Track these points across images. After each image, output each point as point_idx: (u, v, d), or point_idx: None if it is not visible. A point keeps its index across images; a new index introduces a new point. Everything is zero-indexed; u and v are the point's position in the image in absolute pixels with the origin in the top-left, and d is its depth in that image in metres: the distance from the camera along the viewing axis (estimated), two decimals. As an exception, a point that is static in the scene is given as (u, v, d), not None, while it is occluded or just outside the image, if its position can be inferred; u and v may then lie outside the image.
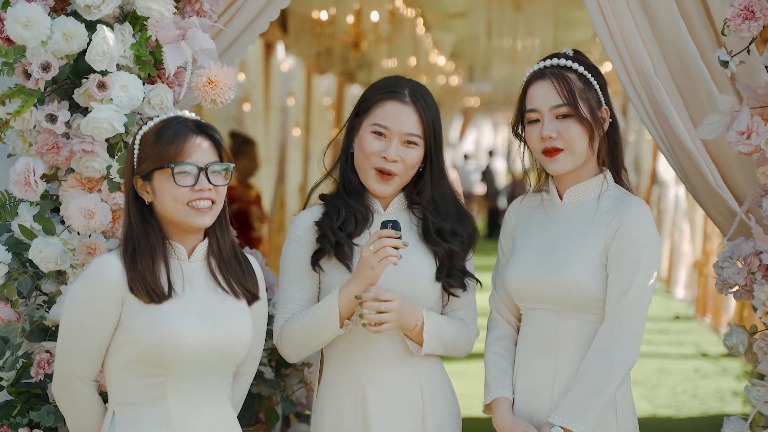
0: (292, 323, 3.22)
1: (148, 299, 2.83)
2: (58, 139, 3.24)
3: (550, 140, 3.20)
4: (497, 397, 3.27)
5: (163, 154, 2.85)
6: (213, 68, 3.28)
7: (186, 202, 2.86)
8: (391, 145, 3.20)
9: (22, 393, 3.26)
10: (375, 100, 3.25)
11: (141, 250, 2.86)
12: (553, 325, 3.21)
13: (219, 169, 2.89)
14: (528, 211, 3.36)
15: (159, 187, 2.87)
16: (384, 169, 3.21)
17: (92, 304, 2.83)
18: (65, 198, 3.27)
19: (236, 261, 3.00)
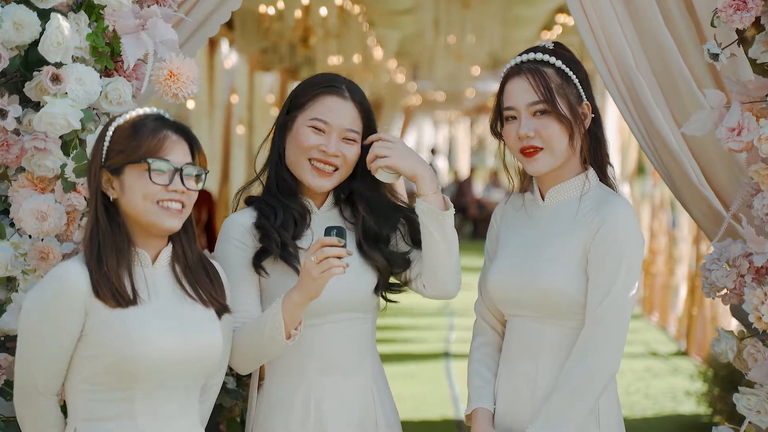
0: (240, 334, 3.02)
1: (114, 303, 2.66)
2: (7, 136, 3.03)
3: (528, 139, 3.07)
4: (476, 408, 3.15)
5: (139, 147, 2.70)
6: (175, 61, 3.09)
7: (156, 200, 2.70)
8: (331, 139, 3.11)
9: (-32, 408, 3.04)
10: (312, 94, 3.15)
11: (106, 250, 2.69)
12: (534, 331, 3.09)
13: (193, 173, 2.75)
14: (511, 212, 3.24)
15: (129, 183, 2.71)
16: (325, 161, 3.11)
17: (52, 315, 2.65)
18: (15, 199, 3.06)
19: (203, 269, 2.85)
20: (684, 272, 10.84)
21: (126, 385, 2.67)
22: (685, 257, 10.86)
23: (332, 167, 3.13)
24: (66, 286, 2.65)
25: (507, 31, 13.26)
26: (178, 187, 2.72)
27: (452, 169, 31.37)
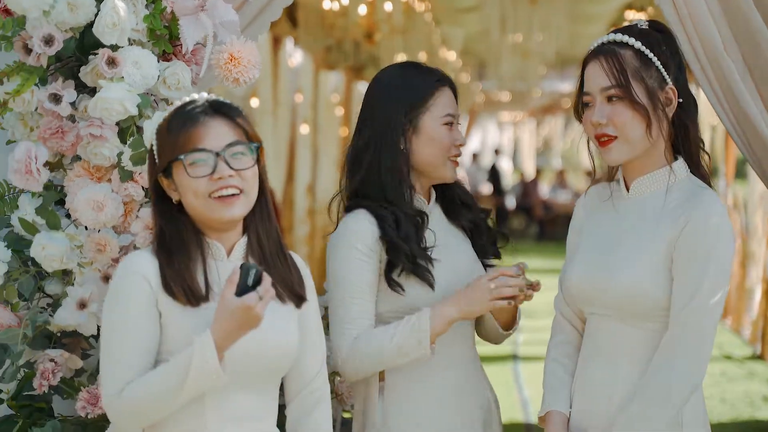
0: (369, 340, 2.96)
1: (185, 300, 2.51)
2: (62, 123, 2.90)
3: (601, 127, 2.88)
4: (550, 411, 2.98)
5: (175, 144, 2.53)
6: (235, 43, 2.94)
7: (207, 194, 2.52)
8: (458, 130, 3.13)
9: (23, 407, 2.92)
10: (431, 91, 3.09)
11: (176, 248, 2.55)
12: (612, 332, 2.89)
13: (242, 151, 2.55)
14: (596, 203, 3.04)
15: (179, 183, 2.55)
16: (460, 154, 3.14)
17: (134, 300, 2.51)
18: (71, 189, 2.92)
19: (281, 259, 2.66)
20: (759, 274, 10.54)
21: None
22: (759, 259, 10.56)
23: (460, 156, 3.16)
24: (138, 272, 2.52)
25: (574, 29, 13.03)
26: (223, 172, 2.52)
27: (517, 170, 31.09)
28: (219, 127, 2.54)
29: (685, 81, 2.90)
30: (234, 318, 2.41)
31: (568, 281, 2.98)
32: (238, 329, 2.43)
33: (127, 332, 2.50)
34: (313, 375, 2.73)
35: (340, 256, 3.03)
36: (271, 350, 2.58)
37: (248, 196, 2.57)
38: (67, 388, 2.94)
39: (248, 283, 2.41)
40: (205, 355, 2.41)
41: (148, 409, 2.47)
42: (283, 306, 2.64)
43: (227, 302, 2.41)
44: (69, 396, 2.96)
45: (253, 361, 2.55)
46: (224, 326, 2.42)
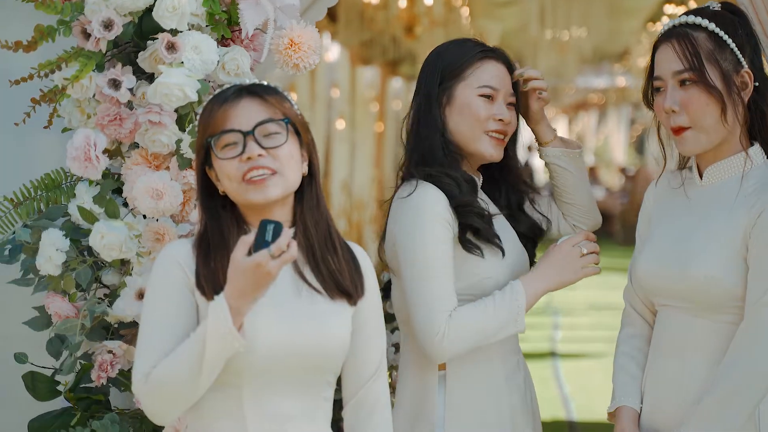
0: (465, 317, 2.83)
1: (212, 294, 2.36)
2: (120, 110, 2.83)
3: (674, 115, 2.78)
4: (621, 406, 2.89)
5: (206, 128, 2.42)
6: (296, 28, 2.87)
7: (240, 178, 2.40)
8: (502, 106, 2.96)
9: (81, 399, 2.86)
10: (470, 62, 2.97)
11: (215, 246, 2.43)
12: (684, 325, 2.79)
13: (275, 130, 2.41)
14: (667, 191, 2.94)
15: (217, 170, 2.43)
16: (500, 130, 2.96)
17: (170, 287, 2.40)
18: (128, 177, 2.86)
19: (331, 251, 2.49)
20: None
21: (233, 382, 2.39)
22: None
23: (504, 135, 2.98)
24: (176, 259, 2.42)
25: (612, 23, 12.91)
26: (252, 153, 2.38)
27: (549, 167, 30.85)
28: (249, 106, 2.41)
29: (761, 64, 2.81)
30: (245, 277, 2.24)
31: (639, 272, 2.89)
32: (252, 290, 2.26)
33: (160, 317, 2.39)
34: (370, 375, 2.56)
35: (416, 235, 2.87)
36: (312, 348, 2.43)
37: (284, 176, 2.41)
38: (125, 380, 2.88)
39: (267, 239, 2.23)
40: (219, 318, 2.25)
41: (173, 390, 2.33)
42: (332, 302, 2.48)
43: (236, 262, 2.25)
44: (126, 388, 2.90)
45: (291, 359, 2.41)
46: (236, 287, 2.26)
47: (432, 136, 2.98)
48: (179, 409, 2.38)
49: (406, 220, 2.90)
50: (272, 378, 2.40)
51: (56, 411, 2.89)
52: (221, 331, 2.26)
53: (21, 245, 2.85)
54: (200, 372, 2.30)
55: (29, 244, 2.84)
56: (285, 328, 2.40)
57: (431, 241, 2.86)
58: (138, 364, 2.38)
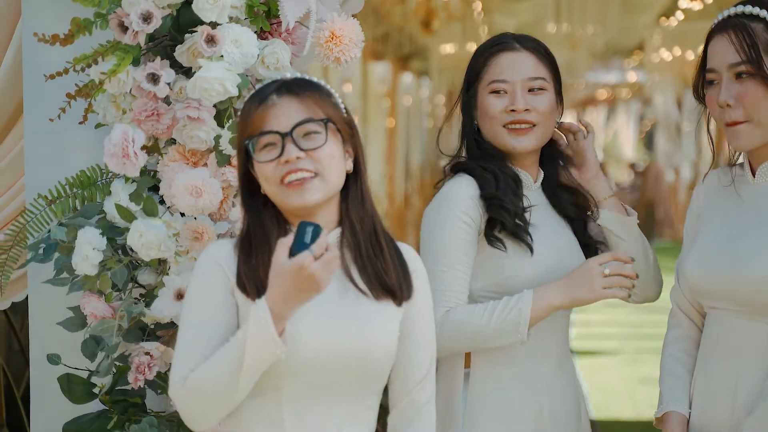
0: (463, 315, 2.79)
1: (257, 297, 2.27)
2: (158, 105, 2.76)
3: (729, 110, 2.69)
4: (669, 411, 2.80)
5: (244, 130, 2.35)
6: (337, 21, 2.80)
7: (278, 181, 2.32)
8: (516, 96, 2.88)
9: (117, 402, 2.79)
10: (482, 61, 2.95)
11: (257, 244, 2.35)
12: (738, 328, 2.70)
13: (314, 129, 2.33)
14: (717, 188, 2.85)
15: (257, 171, 2.36)
16: (517, 120, 2.89)
17: (210, 289, 2.33)
18: (165, 173, 2.78)
19: (376, 251, 2.40)
20: None
21: (272, 386, 2.31)
22: None
23: (527, 124, 2.89)
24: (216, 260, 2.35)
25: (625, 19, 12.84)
26: (290, 156, 2.30)
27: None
28: (288, 105, 2.33)
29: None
30: (287, 281, 2.16)
31: (688, 273, 2.80)
32: (295, 294, 2.18)
33: (200, 320, 2.32)
34: (418, 380, 2.46)
35: (436, 223, 2.86)
36: (356, 352, 2.34)
37: (325, 179, 2.33)
38: (162, 382, 2.81)
39: (305, 241, 2.16)
40: (261, 323, 2.17)
41: (210, 396, 2.25)
42: (378, 304, 2.38)
43: (278, 265, 2.17)
44: (163, 391, 2.83)
45: (334, 363, 2.32)
46: (278, 291, 2.18)
47: (470, 142, 2.98)
48: (217, 416, 2.30)
49: (430, 210, 2.90)
50: (314, 383, 2.32)
51: (92, 414, 2.82)
52: (262, 337, 2.19)
53: (56, 244, 2.78)
54: (238, 378, 2.22)
55: (64, 243, 2.77)
56: (329, 331, 2.32)
57: (448, 233, 2.83)
58: (176, 368, 2.30)
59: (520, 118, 2.88)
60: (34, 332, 3.09)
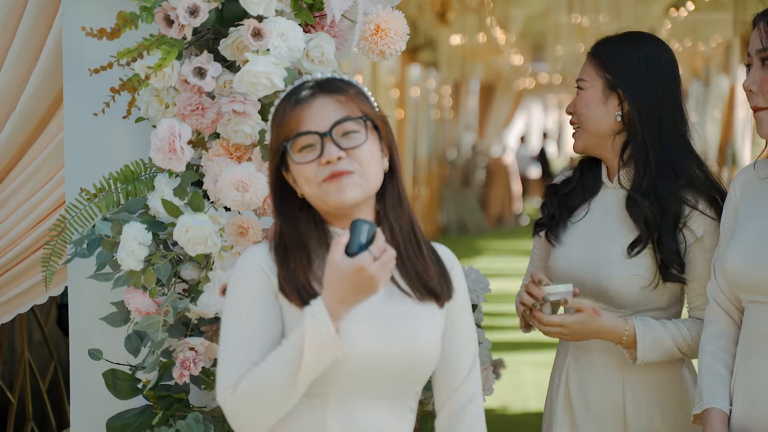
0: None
1: (299, 302, 2.25)
2: (202, 99, 2.73)
3: (752, 95, 2.71)
4: (709, 408, 2.77)
5: (280, 132, 2.30)
6: (382, 14, 2.78)
7: (319, 181, 2.27)
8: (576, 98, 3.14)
9: (162, 398, 2.76)
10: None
11: (292, 248, 2.31)
12: None
13: (353, 128, 2.29)
14: (755, 182, 2.82)
15: (294, 173, 2.31)
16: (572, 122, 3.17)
17: (254, 291, 2.29)
18: (209, 168, 2.76)
19: (415, 250, 2.37)
20: None
21: (319, 391, 2.27)
22: None
23: (575, 125, 3.11)
24: (258, 264, 2.30)
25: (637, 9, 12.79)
26: (331, 156, 2.26)
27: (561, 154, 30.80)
28: (324, 105, 2.29)
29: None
30: (346, 281, 2.13)
31: (727, 267, 2.77)
32: (352, 295, 2.15)
33: (245, 325, 2.27)
34: (464, 377, 2.44)
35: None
36: (403, 352, 2.31)
37: (364, 178, 2.29)
38: (207, 378, 2.79)
39: (362, 241, 2.12)
40: (319, 323, 2.14)
41: (265, 401, 2.21)
42: (420, 304, 2.36)
43: (336, 265, 2.13)
44: (207, 387, 2.81)
45: (382, 365, 2.29)
46: (336, 291, 2.14)
47: None
48: (270, 421, 2.25)
49: None
50: (360, 386, 2.29)
51: (136, 410, 2.80)
52: (321, 337, 2.15)
53: (99, 239, 2.76)
54: (296, 381, 2.18)
55: (109, 238, 2.74)
56: (377, 333, 2.29)
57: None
58: (224, 374, 2.25)
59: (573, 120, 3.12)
60: (75, 327, 3.07)
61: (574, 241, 3.06)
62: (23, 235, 3.20)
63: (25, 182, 3.19)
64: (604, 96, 3.00)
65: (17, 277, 3.27)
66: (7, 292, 3.29)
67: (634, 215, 2.98)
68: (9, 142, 3.16)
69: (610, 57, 3.02)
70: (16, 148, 3.18)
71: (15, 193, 3.20)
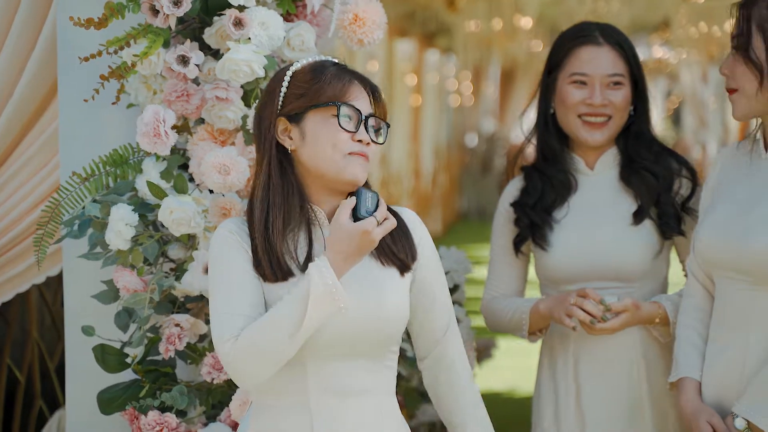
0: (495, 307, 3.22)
1: (273, 278, 2.40)
2: (188, 86, 2.85)
3: (726, 78, 2.82)
4: (684, 377, 2.88)
5: (324, 90, 2.42)
6: (360, 3, 2.89)
7: (346, 152, 2.42)
8: (595, 90, 3.09)
9: (149, 371, 2.90)
10: (566, 49, 3.13)
11: (275, 210, 2.43)
12: (745, 298, 2.77)
13: (379, 126, 2.48)
14: (733, 162, 2.92)
15: (313, 131, 2.42)
16: (593, 113, 3.10)
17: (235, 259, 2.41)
18: (195, 152, 2.89)
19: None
20: None
21: (297, 356, 2.39)
22: None
23: (603, 117, 3.11)
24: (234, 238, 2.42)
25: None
26: (364, 137, 2.44)
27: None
28: (365, 95, 2.48)
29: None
30: (351, 242, 2.33)
31: (700, 243, 2.87)
32: (354, 254, 2.35)
33: (234, 284, 2.40)
34: (442, 331, 2.60)
35: (494, 217, 3.25)
36: (368, 317, 2.44)
37: (370, 164, 2.49)
38: (192, 353, 2.92)
39: (369, 207, 2.34)
40: (324, 276, 2.30)
41: (267, 350, 2.33)
42: (386, 269, 2.50)
43: (343, 226, 2.33)
44: (193, 361, 2.94)
45: (354, 328, 2.43)
46: (340, 250, 2.33)
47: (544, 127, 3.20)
48: (270, 371, 2.38)
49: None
50: (335, 350, 2.43)
51: (125, 383, 2.93)
52: (326, 288, 2.30)
53: (90, 220, 2.89)
54: (297, 332, 2.32)
55: (98, 219, 2.87)
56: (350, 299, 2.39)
57: (493, 228, 3.27)
58: (222, 328, 2.37)
59: (597, 111, 3.10)
60: (69, 305, 3.20)
61: (570, 237, 3.14)
62: (21, 218, 3.33)
63: (23, 167, 3.32)
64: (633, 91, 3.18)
65: (16, 258, 3.40)
66: (8, 272, 3.43)
67: (635, 184, 3.13)
68: (7, 127, 3.28)
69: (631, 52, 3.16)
70: (14, 133, 3.31)
71: (13, 177, 3.32)
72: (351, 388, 2.45)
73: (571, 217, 3.15)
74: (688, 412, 2.83)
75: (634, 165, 3.14)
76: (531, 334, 3.17)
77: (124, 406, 2.88)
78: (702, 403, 2.83)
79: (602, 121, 3.11)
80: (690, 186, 3.16)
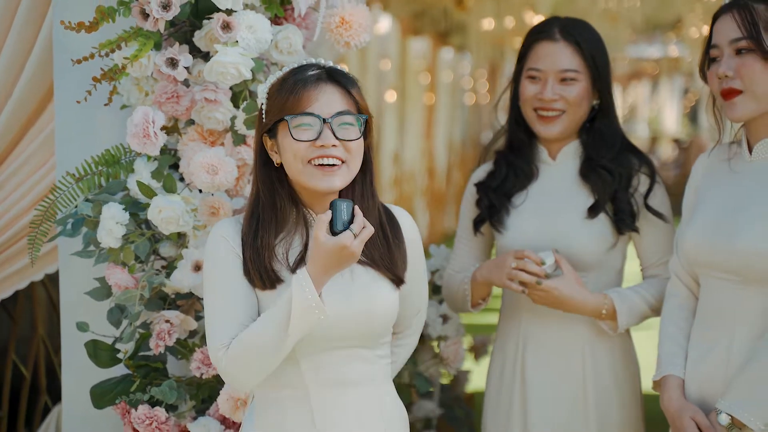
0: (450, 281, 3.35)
1: (262, 286, 2.48)
2: (177, 87, 2.92)
3: (727, 80, 2.82)
4: (667, 375, 2.93)
5: (284, 104, 2.46)
6: (347, 6, 2.94)
7: (306, 160, 2.46)
8: (547, 85, 3.16)
9: (140, 366, 2.97)
10: (527, 45, 3.22)
11: (265, 224, 2.50)
12: (731, 297, 2.82)
13: (350, 122, 2.47)
14: (716, 163, 2.97)
15: (282, 145, 2.49)
16: (545, 107, 3.18)
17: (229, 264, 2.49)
18: (185, 152, 2.96)
19: (380, 239, 2.58)
20: None
21: (290, 355, 2.49)
22: None
23: (555, 111, 3.18)
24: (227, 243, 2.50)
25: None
26: (327, 141, 2.45)
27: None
28: (331, 94, 2.48)
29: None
30: (330, 257, 2.36)
31: (685, 243, 2.92)
32: (334, 267, 2.39)
33: (227, 292, 2.48)
34: (413, 314, 2.76)
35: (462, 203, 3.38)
36: (357, 313, 2.52)
37: (350, 167, 2.50)
38: (182, 348, 2.98)
39: (344, 219, 2.36)
40: (305, 291, 2.35)
41: (256, 358, 2.42)
42: (377, 272, 2.57)
43: (322, 243, 2.36)
44: (183, 357, 3.00)
45: (339, 325, 2.50)
46: (320, 265, 2.37)
47: (511, 119, 3.31)
48: (260, 377, 2.47)
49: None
50: (327, 343, 2.50)
51: (116, 378, 3.00)
52: (307, 303, 2.36)
53: (83, 219, 2.96)
54: (284, 341, 2.40)
55: (90, 218, 2.94)
56: (337, 297, 2.48)
57: (461, 210, 3.39)
58: (216, 336, 2.47)
59: (548, 105, 3.18)
60: (64, 302, 3.27)
61: (526, 221, 3.23)
62: (20, 216, 3.40)
63: (23, 165, 3.39)
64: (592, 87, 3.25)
65: (15, 255, 3.48)
66: (6, 269, 3.50)
67: (592, 180, 3.20)
68: (6, 127, 3.36)
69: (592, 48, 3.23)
70: (13, 132, 3.38)
71: (12, 176, 3.40)
72: (348, 378, 2.53)
73: (528, 204, 3.24)
74: (671, 410, 2.87)
75: (592, 162, 3.20)
76: (474, 306, 3.28)
77: (115, 401, 2.95)
78: (685, 400, 2.87)
79: (554, 115, 3.19)
80: (648, 183, 3.23)
